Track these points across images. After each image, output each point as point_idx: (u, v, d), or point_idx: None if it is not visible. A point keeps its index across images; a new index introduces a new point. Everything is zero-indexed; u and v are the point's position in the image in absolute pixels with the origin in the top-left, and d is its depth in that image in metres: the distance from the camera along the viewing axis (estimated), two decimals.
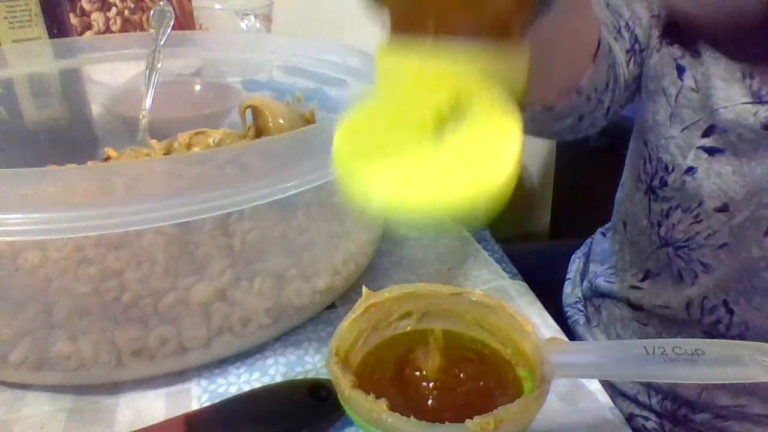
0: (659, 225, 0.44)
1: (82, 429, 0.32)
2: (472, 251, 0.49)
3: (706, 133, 0.39)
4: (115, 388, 0.34)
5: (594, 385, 0.36)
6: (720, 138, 0.39)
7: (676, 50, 0.41)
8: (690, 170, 0.41)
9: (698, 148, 0.40)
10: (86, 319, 0.31)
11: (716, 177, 0.39)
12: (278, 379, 0.35)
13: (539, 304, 0.43)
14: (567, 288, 0.59)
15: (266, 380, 0.35)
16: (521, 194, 1.59)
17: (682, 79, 0.40)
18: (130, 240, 0.31)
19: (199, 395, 0.34)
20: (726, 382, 0.39)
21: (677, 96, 0.41)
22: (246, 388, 0.34)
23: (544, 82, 0.41)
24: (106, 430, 0.32)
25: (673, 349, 0.28)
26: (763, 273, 0.38)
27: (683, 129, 0.41)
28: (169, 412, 0.33)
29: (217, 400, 0.32)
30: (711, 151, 0.39)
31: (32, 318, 0.31)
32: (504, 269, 0.47)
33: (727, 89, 0.38)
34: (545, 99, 0.42)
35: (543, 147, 1.53)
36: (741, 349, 0.27)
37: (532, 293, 0.44)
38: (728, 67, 0.38)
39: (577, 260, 0.60)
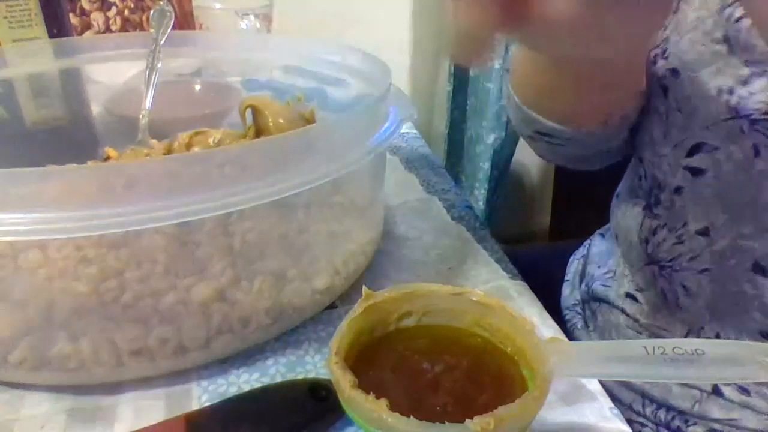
0: (647, 241, 0.43)
1: (82, 429, 0.32)
2: (472, 251, 0.49)
3: (690, 153, 0.39)
4: (115, 388, 0.34)
5: (594, 385, 0.36)
6: (705, 157, 0.38)
7: (659, 70, 0.40)
8: (677, 189, 0.40)
9: (684, 168, 0.39)
10: (86, 319, 0.31)
11: (699, 198, 0.39)
12: (278, 379, 0.35)
13: (539, 304, 0.43)
14: (565, 290, 0.59)
15: (266, 380, 0.35)
16: (521, 194, 1.59)
17: (667, 98, 0.39)
18: (130, 240, 0.31)
19: (199, 395, 0.34)
20: (726, 382, 0.39)
21: (666, 114, 0.40)
22: (246, 388, 0.34)
23: (589, 112, 0.42)
24: (106, 430, 0.32)
25: (673, 349, 0.28)
26: (754, 313, 0.37)
27: (673, 147, 0.40)
28: (169, 412, 0.33)
29: (217, 400, 0.32)
30: (694, 172, 0.39)
31: (32, 318, 0.31)
32: (504, 269, 0.47)
33: (706, 108, 0.36)
34: (594, 125, 0.43)
35: None
36: (741, 349, 0.27)
37: (532, 293, 0.44)
38: (704, 83, 0.36)
39: (576, 262, 0.60)
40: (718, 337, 0.40)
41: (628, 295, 0.47)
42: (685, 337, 0.42)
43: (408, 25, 1.33)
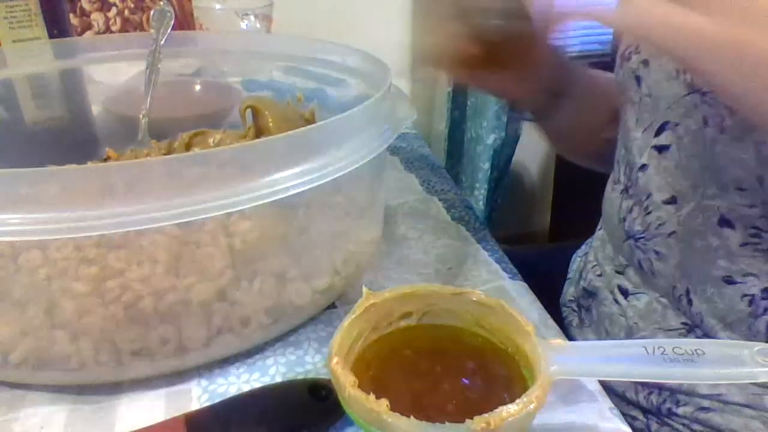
0: (624, 220, 0.47)
1: (82, 429, 0.32)
2: (472, 251, 0.49)
3: (657, 133, 0.43)
4: (115, 388, 0.34)
5: (594, 385, 0.36)
6: (669, 135, 0.42)
7: (632, 64, 0.46)
8: (643, 167, 0.44)
9: (652, 147, 0.44)
10: (86, 319, 0.31)
11: (663, 172, 0.43)
12: (278, 379, 0.35)
13: (539, 304, 0.43)
14: (566, 288, 0.59)
15: (266, 380, 0.35)
16: (521, 194, 1.59)
17: (640, 87, 0.45)
18: (130, 240, 0.31)
19: (199, 395, 0.34)
20: (726, 382, 0.39)
21: (639, 102, 0.45)
22: (246, 388, 0.34)
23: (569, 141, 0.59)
24: (106, 430, 0.32)
25: (673, 349, 0.28)
26: (719, 261, 0.40)
27: (643, 131, 0.45)
28: (169, 412, 0.33)
29: (217, 400, 0.32)
30: (660, 149, 0.43)
31: (32, 318, 0.31)
32: (504, 269, 0.47)
33: (670, 88, 0.42)
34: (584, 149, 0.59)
35: (543, 147, 1.53)
36: (741, 349, 0.27)
37: (532, 293, 0.44)
38: (666, 67, 0.42)
39: (578, 260, 0.60)
40: (687, 293, 0.42)
41: (617, 273, 0.49)
42: (665, 294, 0.44)
43: (408, 25, 1.33)
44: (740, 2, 0.29)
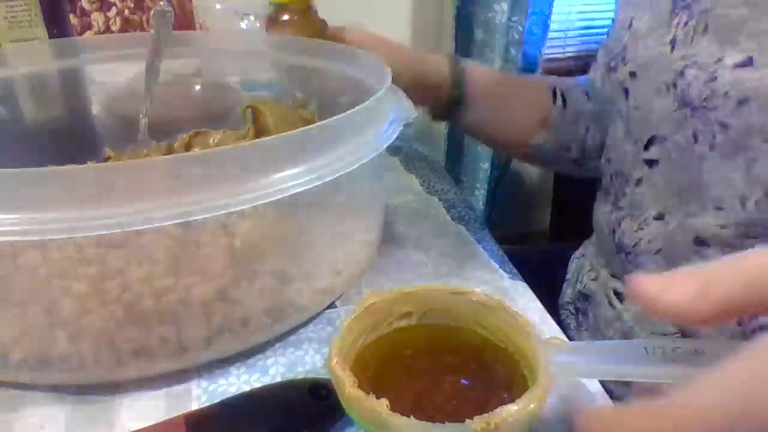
0: (614, 232, 0.47)
1: (82, 429, 0.32)
2: (472, 251, 0.49)
3: (647, 146, 0.43)
4: (115, 388, 0.34)
5: (594, 385, 0.36)
6: (658, 149, 0.42)
7: (619, 75, 0.46)
8: (638, 182, 0.44)
9: (643, 161, 0.43)
10: (86, 319, 0.31)
11: (654, 187, 0.43)
12: (278, 379, 0.35)
13: (539, 304, 0.43)
14: (564, 289, 0.59)
15: (266, 380, 0.35)
16: (521, 194, 1.59)
17: (628, 99, 0.45)
18: (130, 240, 0.31)
19: (199, 395, 0.34)
20: None
21: (628, 115, 0.45)
22: (246, 388, 0.34)
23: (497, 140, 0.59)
24: (106, 430, 0.32)
25: (672, 349, 0.28)
26: None
27: (634, 143, 0.44)
28: (169, 412, 0.33)
29: (217, 400, 0.32)
30: (650, 163, 0.43)
31: (32, 318, 0.31)
32: (504, 269, 0.47)
33: (660, 102, 0.41)
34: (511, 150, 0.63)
35: None
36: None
37: (532, 293, 0.44)
38: (655, 79, 0.41)
39: (576, 260, 0.60)
40: None
41: (612, 276, 0.49)
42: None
43: (408, 25, 1.33)
44: None
